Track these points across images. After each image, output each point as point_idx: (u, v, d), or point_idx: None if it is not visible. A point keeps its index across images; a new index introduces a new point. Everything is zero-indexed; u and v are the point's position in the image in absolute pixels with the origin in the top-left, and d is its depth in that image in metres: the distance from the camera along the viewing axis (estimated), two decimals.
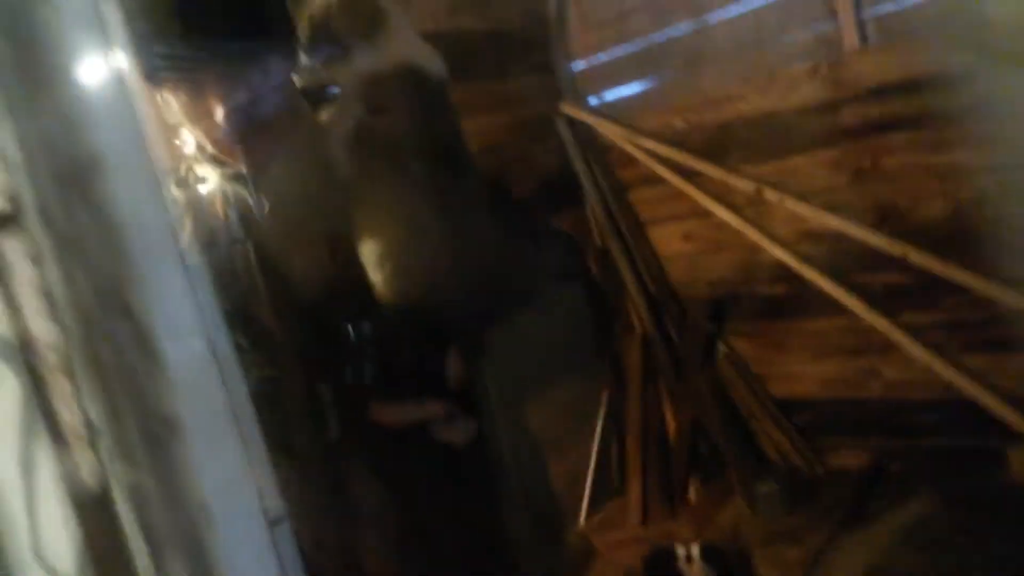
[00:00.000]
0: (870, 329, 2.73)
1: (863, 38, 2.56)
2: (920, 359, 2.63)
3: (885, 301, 2.68)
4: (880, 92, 2.54)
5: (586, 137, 3.26)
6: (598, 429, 3.37)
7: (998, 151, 2.34)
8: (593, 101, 3.27)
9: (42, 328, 0.62)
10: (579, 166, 3.28)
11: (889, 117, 2.54)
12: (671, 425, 3.31)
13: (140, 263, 0.64)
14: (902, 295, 2.65)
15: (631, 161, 3.18)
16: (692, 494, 3.24)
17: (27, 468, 0.65)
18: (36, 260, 0.62)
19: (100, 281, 0.62)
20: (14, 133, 0.59)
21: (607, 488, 3.34)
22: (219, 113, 1.62)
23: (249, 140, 1.56)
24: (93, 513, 0.63)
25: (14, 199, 0.60)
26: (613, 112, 3.21)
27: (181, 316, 0.65)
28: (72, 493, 0.63)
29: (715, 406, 3.15)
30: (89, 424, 0.62)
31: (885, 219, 2.62)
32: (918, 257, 2.53)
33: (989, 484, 2.57)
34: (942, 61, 2.40)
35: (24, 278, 0.63)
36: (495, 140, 3.12)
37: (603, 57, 3.21)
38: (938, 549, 2.42)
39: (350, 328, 1.47)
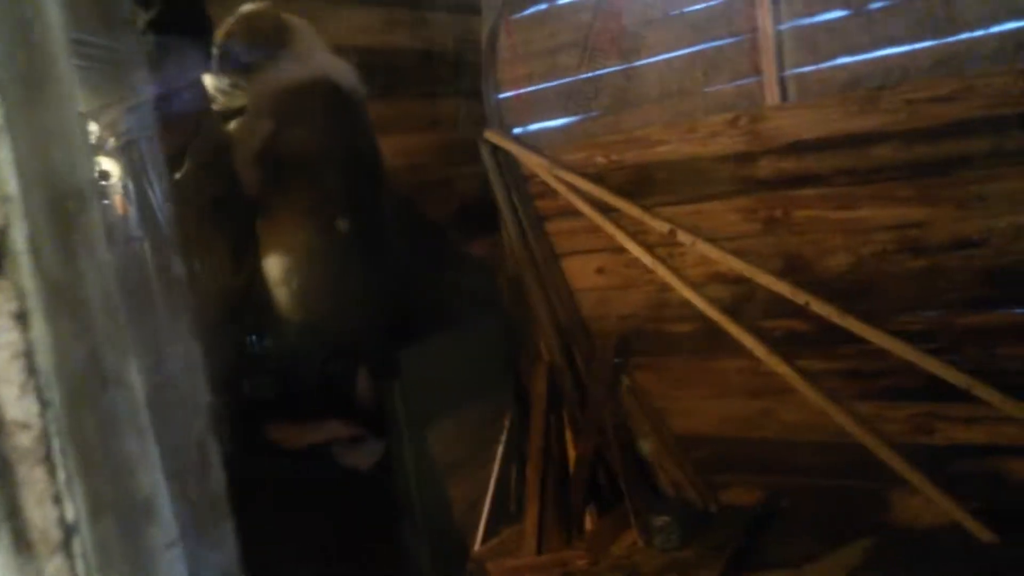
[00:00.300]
0: (769, 372, 2.86)
1: (783, 95, 2.70)
2: (815, 403, 2.76)
3: (785, 346, 2.81)
4: (795, 147, 2.68)
5: (508, 165, 3.29)
6: (499, 454, 3.37)
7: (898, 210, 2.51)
8: (518, 131, 3.31)
9: (16, 404, 0.48)
10: (499, 193, 3.30)
11: (802, 171, 2.68)
12: (571, 454, 3.34)
13: (138, 319, 0.56)
14: (802, 342, 2.78)
15: (551, 192, 3.23)
16: (588, 523, 3.27)
17: None
18: (20, 317, 0.49)
19: (97, 343, 0.51)
20: (10, 144, 0.47)
21: (504, 514, 3.34)
22: (126, 104, 1.56)
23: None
24: None
25: (1, 235, 0.48)
26: (537, 143, 3.26)
27: (175, 384, 0.58)
28: None
29: (615, 437, 3.21)
30: (63, 523, 0.49)
31: (791, 268, 2.75)
32: (819, 307, 2.67)
33: (873, 524, 2.72)
34: (854, 122, 2.56)
35: (2, 340, 0.49)
36: (418, 160, 3.10)
37: (531, 88, 3.25)
38: None
39: (251, 340, 1.43)
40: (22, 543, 0.48)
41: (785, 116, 2.69)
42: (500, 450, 3.36)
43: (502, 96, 3.32)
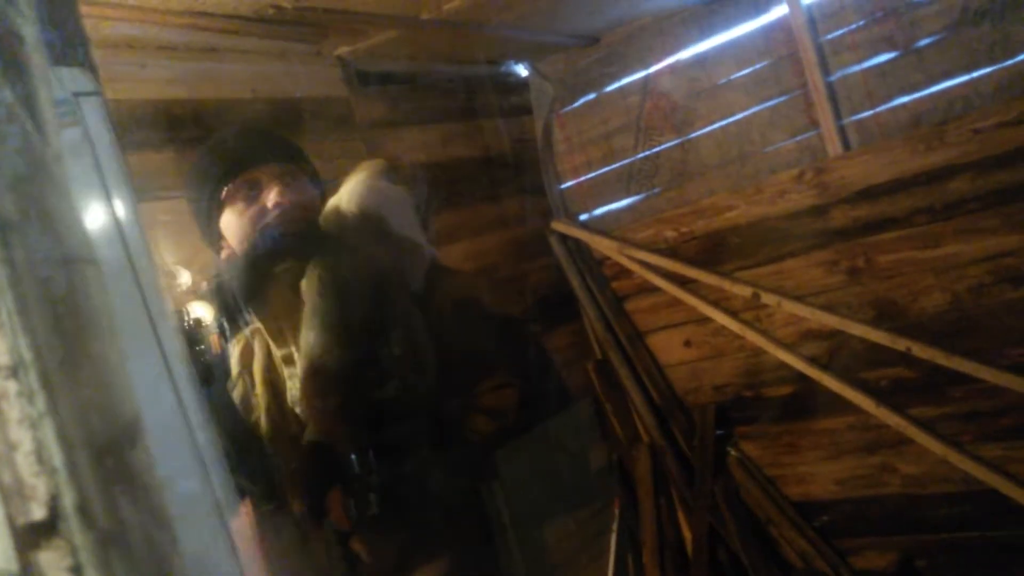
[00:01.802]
0: (881, 425, 2.75)
1: (845, 143, 2.67)
2: (935, 452, 2.63)
3: (893, 396, 2.70)
4: (866, 193, 2.63)
5: (579, 252, 3.32)
6: (612, 544, 3.29)
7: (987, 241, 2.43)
8: (584, 217, 3.35)
9: None
10: (574, 280, 3.32)
11: (878, 216, 2.62)
12: (687, 535, 3.24)
13: (191, 549, 0.58)
14: (910, 389, 2.67)
15: (625, 272, 3.24)
16: None
17: None
18: (75, 571, 0.52)
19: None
20: (52, 419, 0.50)
21: None
22: (216, 249, 1.65)
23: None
24: None
25: (52, 502, 0.50)
26: (604, 227, 3.29)
27: None
28: None
29: (730, 513, 3.11)
30: None
31: (884, 315, 2.67)
32: (921, 350, 2.57)
33: (1020, 574, 2.54)
34: (922, 159, 2.51)
35: None
36: (490, 260, 3.16)
37: (591, 175, 3.31)
38: None
39: (354, 459, 1.45)
40: None
41: (850, 164, 2.66)
42: (613, 540, 3.29)
43: (564, 186, 3.38)
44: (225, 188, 1.58)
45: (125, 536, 0.54)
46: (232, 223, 1.59)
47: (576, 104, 3.30)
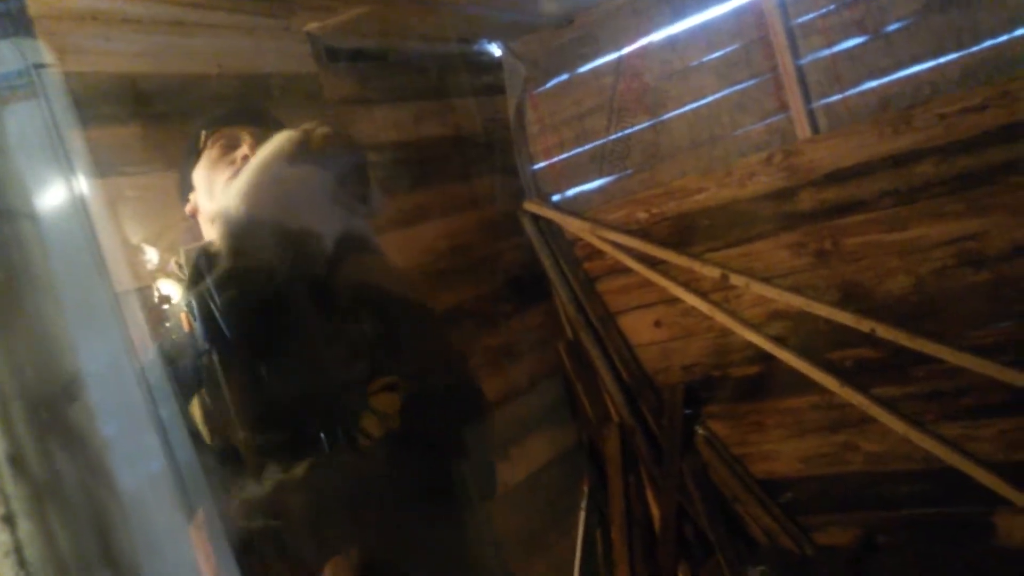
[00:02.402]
0: (845, 404, 2.79)
1: (814, 127, 2.70)
2: (897, 431, 2.68)
3: (857, 376, 2.75)
4: (834, 176, 2.67)
5: (551, 232, 3.33)
6: (581, 521, 3.33)
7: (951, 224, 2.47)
8: (556, 198, 3.35)
9: None
10: (546, 261, 3.33)
11: (846, 199, 2.66)
12: (655, 513, 3.29)
13: (129, 502, 0.58)
14: (873, 369, 2.72)
15: (597, 253, 3.25)
16: None
17: None
18: (6, 520, 0.53)
19: (80, 531, 0.55)
20: None
21: None
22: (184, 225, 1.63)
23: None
24: None
25: None
26: (576, 207, 3.29)
27: (169, 560, 0.59)
28: None
29: (698, 491, 3.15)
30: None
31: (850, 296, 2.71)
32: (885, 332, 2.61)
33: (978, 550, 2.60)
34: (890, 143, 2.55)
35: None
36: (461, 240, 3.16)
37: (563, 156, 3.31)
38: None
39: (323, 436, 1.43)
40: None
41: (819, 147, 2.68)
42: (582, 517, 3.33)
43: (536, 167, 3.38)
44: (204, 133, 1.58)
45: (61, 488, 0.55)
46: (203, 174, 1.59)
47: (549, 85, 3.30)
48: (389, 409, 1.39)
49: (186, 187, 1.64)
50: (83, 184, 0.62)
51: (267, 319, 1.49)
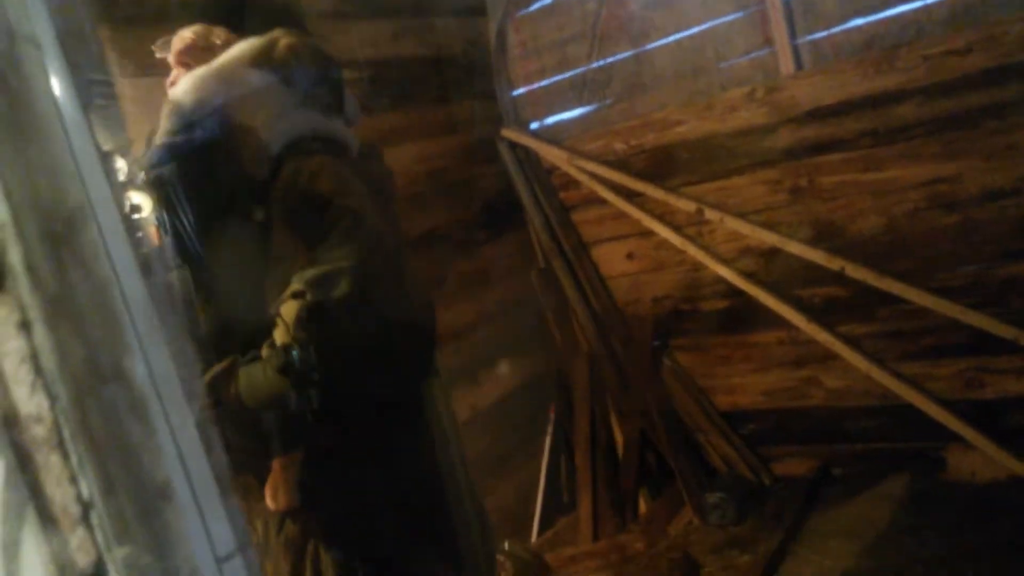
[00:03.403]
0: (810, 341, 2.85)
1: (798, 63, 2.68)
2: (859, 368, 2.75)
3: (824, 314, 2.80)
4: (815, 114, 2.67)
5: (528, 161, 3.30)
6: (547, 446, 3.40)
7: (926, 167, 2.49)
8: (535, 125, 3.32)
9: (29, 401, 0.57)
10: (522, 189, 3.32)
11: (825, 138, 2.67)
12: (619, 439, 3.36)
13: (133, 323, 0.62)
14: (840, 307, 2.77)
15: (573, 183, 3.24)
16: (642, 507, 3.29)
17: (12, 553, 0.59)
18: (23, 326, 0.57)
19: (93, 345, 0.59)
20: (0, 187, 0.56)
21: (558, 505, 3.37)
22: (154, 140, 1.59)
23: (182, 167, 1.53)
24: None
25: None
26: (554, 136, 3.26)
27: (170, 377, 0.63)
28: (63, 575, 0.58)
29: (661, 420, 3.22)
30: (80, 500, 0.57)
31: (823, 235, 2.74)
32: (855, 271, 2.66)
33: (931, 484, 2.71)
34: (872, 83, 2.55)
35: (10, 347, 0.57)
36: (438, 164, 3.13)
37: (544, 83, 3.26)
38: (884, 548, 2.54)
39: (293, 354, 1.42)
40: (47, 519, 0.58)
41: (801, 84, 2.67)
42: (548, 441, 3.40)
43: (516, 93, 3.33)
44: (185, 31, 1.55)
45: (75, 301, 0.58)
46: (174, 67, 1.57)
47: (532, 8, 3.23)
48: (287, 318, 1.35)
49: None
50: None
51: (204, 207, 1.48)
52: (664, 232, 3.06)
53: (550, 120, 3.29)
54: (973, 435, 2.58)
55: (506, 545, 3.01)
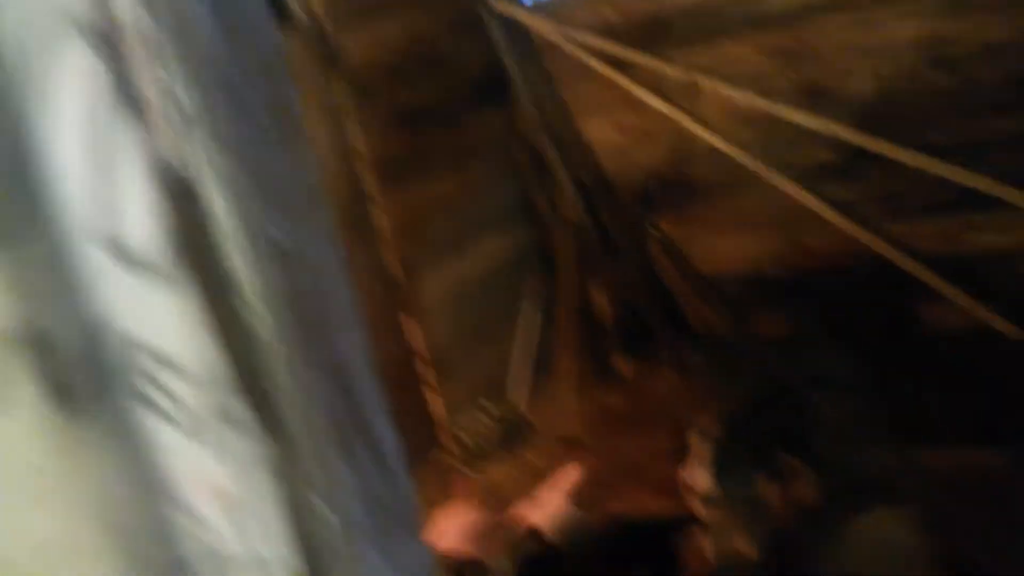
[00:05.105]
0: (798, 205, 2.96)
1: None
2: (845, 230, 2.88)
3: (814, 178, 2.90)
4: None
5: (515, 31, 3.25)
6: (529, 313, 3.48)
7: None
8: None
9: (131, 13, 0.56)
10: (508, 60, 3.28)
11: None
12: (601, 306, 3.47)
13: None
14: (830, 171, 2.87)
15: (563, 54, 3.21)
16: (625, 369, 3.44)
17: (112, 153, 0.59)
18: None
19: None
20: None
21: (542, 367, 3.47)
22: None
23: None
24: (183, 202, 0.59)
25: None
26: (542, 5, 3.21)
27: None
28: (162, 179, 0.58)
29: (644, 285, 3.34)
30: (183, 112, 0.58)
31: (816, 99, 2.80)
32: (847, 133, 2.74)
33: (907, 338, 2.90)
34: None
35: None
36: (424, 36, 3.09)
37: None
38: (860, 401, 2.72)
39: None
40: (148, 123, 0.59)
41: None
42: (531, 309, 3.47)
43: None
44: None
45: None
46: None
47: None
48: None
49: None
50: None
51: None
52: (655, 102, 3.07)
53: None
54: (945, 286, 2.73)
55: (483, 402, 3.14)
